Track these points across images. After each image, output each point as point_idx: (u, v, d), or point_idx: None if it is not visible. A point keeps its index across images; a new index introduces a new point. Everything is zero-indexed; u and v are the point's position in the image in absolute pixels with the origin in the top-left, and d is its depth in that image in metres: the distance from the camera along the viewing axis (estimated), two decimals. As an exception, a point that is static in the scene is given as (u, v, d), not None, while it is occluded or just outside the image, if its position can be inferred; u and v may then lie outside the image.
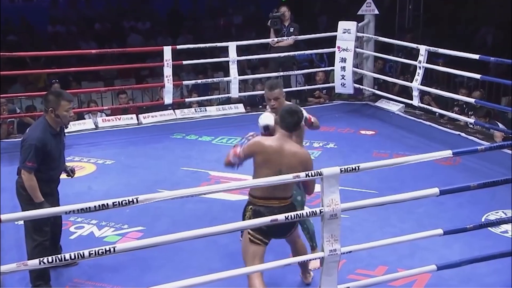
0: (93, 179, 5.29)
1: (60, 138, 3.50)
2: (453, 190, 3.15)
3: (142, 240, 2.62)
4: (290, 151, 3.01)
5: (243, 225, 2.95)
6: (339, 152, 5.93)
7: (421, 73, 6.48)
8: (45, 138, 3.34)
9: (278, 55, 7.19)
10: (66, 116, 3.40)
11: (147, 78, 9.43)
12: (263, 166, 3.00)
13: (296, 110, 3.11)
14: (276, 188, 2.96)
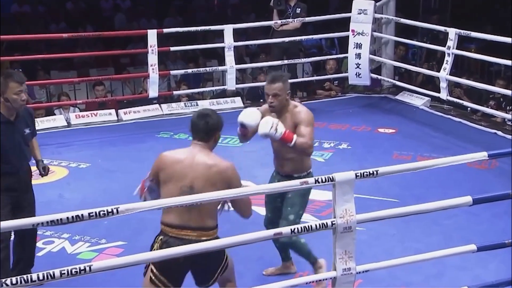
0: (65, 186, 5.28)
1: (15, 127, 3.51)
2: (489, 199, 3.14)
3: (123, 258, 2.62)
4: (205, 164, 2.80)
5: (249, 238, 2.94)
6: (354, 153, 5.93)
7: (450, 61, 6.48)
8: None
9: (282, 40, 7.19)
10: (16, 100, 3.42)
11: (128, 67, 9.44)
12: (168, 182, 2.81)
13: (205, 113, 2.90)
14: (191, 213, 2.75)
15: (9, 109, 3.45)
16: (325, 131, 6.55)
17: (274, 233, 2.76)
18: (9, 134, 3.46)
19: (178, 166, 2.83)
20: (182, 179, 2.81)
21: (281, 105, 3.43)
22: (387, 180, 4.15)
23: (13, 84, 3.41)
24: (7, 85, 3.41)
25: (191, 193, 2.73)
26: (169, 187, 2.82)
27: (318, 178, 2.72)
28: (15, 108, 3.47)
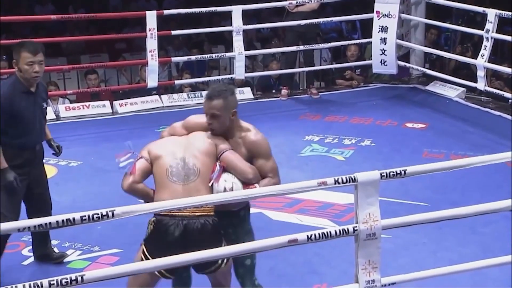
0: (53, 186, 5.25)
1: (34, 99, 3.72)
2: (532, 203, 3.13)
3: (119, 267, 2.63)
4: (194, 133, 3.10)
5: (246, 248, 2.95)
6: (378, 151, 5.93)
7: (489, 47, 6.46)
8: (12, 94, 3.59)
9: (297, 23, 7.19)
10: (28, 71, 3.61)
11: (125, 53, 9.47)
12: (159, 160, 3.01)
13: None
14: (183, 185, 2.93)
15: (26, 80, 3.65)
16: (345, 126, 6.54)
17: (288, 240, 2.76)
18: (30, 105, 3.66)
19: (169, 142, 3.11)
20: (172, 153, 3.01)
21: (223, 127, 3.10)
22: (416, 181, 4.16)
23: (25, 54, 3.60)
24: (20, 55, 3.61)
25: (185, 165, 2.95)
26: (160, 164, 3.01)
27: (338, 178, 2.72)
28: (27, 79, 3.65)
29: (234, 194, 2.88)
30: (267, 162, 3.11)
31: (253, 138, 3.13)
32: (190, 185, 2.93)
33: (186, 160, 2.97)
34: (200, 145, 3.03)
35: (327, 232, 2.80)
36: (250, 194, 2.85)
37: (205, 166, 2.98)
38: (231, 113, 3.09)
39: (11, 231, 2.48)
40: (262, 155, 3.11)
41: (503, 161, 3.00)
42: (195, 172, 2.95)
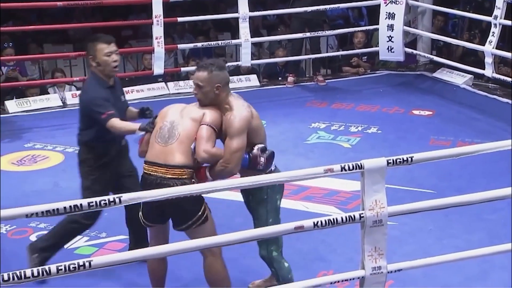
0: (60, 173, 5.34)
1: (116, 94, 3.73)
2: (540, 190, 3.12)
3: (126, 253, 2.65)
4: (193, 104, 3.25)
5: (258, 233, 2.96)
6: (385, 139, 5.93)
7: (497, 33, 6.42)
8: (103, 92, 3.62)
9: (304, 10, 7.16)
10: (108, 61, 3.62)
11: (131, 40, 9.45)
12: (159, 121, 3.22)
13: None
14: (164, 145, 3.10)
15: (104, 74, 3.64)
16: (352, 113, 6.54)
17: (295, 226, 2.77)
18: (113, 100, 3.63)
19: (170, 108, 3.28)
20: (165, 117, 3.22)
21: (207, 99, 3.23)
22: (422, 168, 4.16)
23: (101, 46, 3.61)
24: (96, 48, 3.61)
25: (171, 127, 3.14)
26: (158, 125, 3.21)
27: (345, 165, 2.72)
28: (108, 71, 3.64)
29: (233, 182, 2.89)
30: (230, 141, 3.16)
31: (228, 117, 3.21)
32: (168, 147, 3.10)
33: (174, 124, 3.15)
34: (192, 112, 3.19)
35: (333, 219, 2.81)
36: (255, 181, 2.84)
37: (186, 131, 3.12)
38: (215, 87, 3.21)
39: (20, 217, 2.48)
40: (229, 134, 3.18)
41: (509, 148, 2.99)
42: (175, 135, 3.11)
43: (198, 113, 3.18)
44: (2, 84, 7.18)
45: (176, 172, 3.07)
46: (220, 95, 3.24)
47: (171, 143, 3.11)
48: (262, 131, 3.35)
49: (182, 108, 3.26)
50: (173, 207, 3.01)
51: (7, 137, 6.09)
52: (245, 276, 3.70)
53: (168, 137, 3.12)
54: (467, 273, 3.71)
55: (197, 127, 3.13)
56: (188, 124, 3.14)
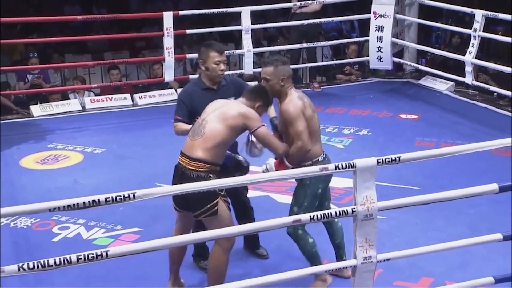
0: (79, 171, 5.34)
1: (215, 96, 3.57)
2: (515, 187, 3.12)
3: (140, 244, 2.64)
4: (233, 105, 3.27)
5: (259, 226, 2.96)
6: (374, 140, 5.91)
7: (476, 44, 6.41)
8: (193, 91, 3.66)
9: (301, 23, 7.16)
10: (215, 69, 3.61)
11: (144, 50, 9.47)
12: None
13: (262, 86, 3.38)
14: (192, 139, 3.20)
15: (208, 78, 3.64)
16: (345, 117, 6.53)
17: (293, 220, 2.77)
18: (208, 100, 3.49)
19: (211, 105, 3.30)
20: (205, 113, 3.25)
21: (274, 90, 3.34)
22: (409, 167, 4.14)
23: (213, 53, 3.60)
24: (208, 54, 3.61)
25: (201, 124, 3.20)
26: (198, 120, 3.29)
27: (338, 164, 2.71)
28: (213, 77, 3.63)
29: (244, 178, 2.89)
30: (292, 127, 3.26)
31: (283, 107, 3.31)
32: (194, 141, 3.18)
33: (203, 122, 3.19)
34: (226, 112, 3.19)
35: (328, 213, 2.81)
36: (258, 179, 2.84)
37: (212, 131, 3.15)
38: (280, 79, 3.31)
39: (43, 211, 2.48)
40: (288, 122, 3.27)
41: (488, 149, 2.98)
42: (201, 133, 3.17)
43: (234, 117, 3.17)
44: (27, 90, 7.20)
45: (194, 164, 3.14)
46: (285, 86, 3.34)
47: (197, 139, 3.17)
48: (313, 120, 3.37)
49: (222, 106, 3.25)
50: (189, 198, 3.10)
51: (32, 139, 6.11)
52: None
53: (196, 133, 3.19)
54: (449, 262, 3.71)
55: (224, 129, 3.16)
56: (217, 126, 3.16)
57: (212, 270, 3.28)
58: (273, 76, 3.33)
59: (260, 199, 4.52)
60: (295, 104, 3.30)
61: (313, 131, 3.35)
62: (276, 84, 3.33)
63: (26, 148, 5.82)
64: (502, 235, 3.08)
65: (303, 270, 2.96)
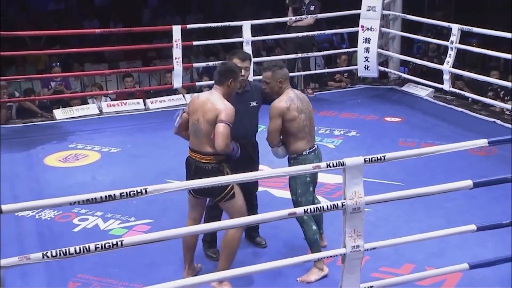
0: (97, 168, 5.33)
1: (239, 98, 3.53)
2: (488, 183, 3.12)
3: (151, 234, 2.64)
4: (210, 99, 3.24)
5: (258, 218, 2.96)
6: (362, 141, 5.90)
7: (453, 55, 6.41)
8: None
9: (296, 35, 7.15)
10: None
11: (155, 60, 9.47)
12: (190, 116, 3.32)
13: (224, 62, 3.44)
14: (195, 139, 3.27)
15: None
16: (335, 120, 6.53)
17: (288, 213, 2.76)
18: (236, 103, 3.40)
19: (195, 103, 3.31)
20: (194, 113, 3.28)
21: (273, 90, 3.49)
22: (393, 165, 4.13)
23: (236, 60, 3.58)
24: (231, 61, 3.57)
25: (197, 125, 3.25)
26: (190, 119, 3.33)
27: (330, 162, 2.72)
28: None
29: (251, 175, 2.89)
30: (269, 123, 3.44)
31: (271, 105, 3.46)
32: (199, 140, 3.25)
33: (198, 124, 3.25)
34: (208, 113, 3.21)
35: (320, 207, 2.81)
36: (259, 175, 2.85)
37: (206, 132, 3.23)
38: (278, 81, 3.46)
39: (65, 204, 2.48)
40: (269, 118, 3.44)
41: (464, 149, 2.99)
42: (201, 134, 3.24)
43: (214, 113, 3.19)
44: (51, 96, 7.19)
45: (207, 158, 3.23)
46: (282, 87, 3.47)
47: (200, 139, 3.25)
48: (299, 122, 3.43)
49: (204, 104, 3.26)
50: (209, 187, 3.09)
51: (55, 139, 6.10)
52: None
53: (197, 135, 3.26)
54: (429, 250, 3.71)
55: (213, 127, 3.19)
56: (207, 127, 3.22)
57: (225, 244, 3.30)
58: (272, 79, 3.46)
59: (259, 193, 4.52)
60: (278, 106, 3.42)
61: (296, 130, 3.43)
62: (275, 86, 3.47)
63: (49, 148, 5.81)
64: (476, 226, 3.08)
65: (298, 258, 2.97)
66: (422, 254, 3.69)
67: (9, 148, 5.81)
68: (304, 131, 3.46)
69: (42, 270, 3.52)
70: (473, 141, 2.99)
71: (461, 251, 3.68)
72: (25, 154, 5.65)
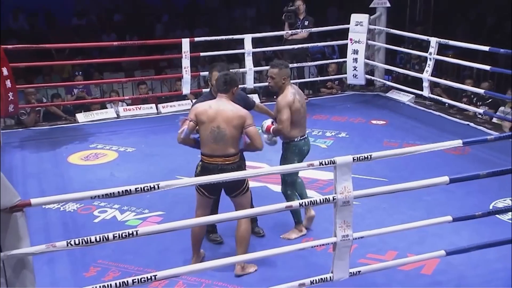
0: (115, 166, 5.33)
1: None
2: (463, 179, 3.12)
3: (163, 224, 2.65)
4: (227, 107, 3.21)
5: (258, 211, 2.96)
6: (351, 141, 5.90)
7: (432, 65, 6.41)
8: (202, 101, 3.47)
9: (292, 47, 7.14)
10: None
11: (166, 69, 9.44)
12: (202, 124, 3.22)
13: (225, 72, 3.36)
14: (217, 145, 3.19)
15: (214, 92, 3.53)
16: (327, 123, 6.52)
17: (285, 206, 2.76)
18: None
19: (210, 112, 3.22)
20: (212, 121, 3.20)
21: (277, 86, 3.66)
22: (378, 163, 4.12)
23: (215, 73, 3.61)
24: (212, 74, 3.66)
25: (219, 132, 3.19)
26: (204, 127, 3.23)
27: (322, 161, 2.72)
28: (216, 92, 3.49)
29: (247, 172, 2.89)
30: (279, 114, 3.63)
31: (278, 99, 3.66)
32: (221, 145, 3.20)
33: (221, 130, 3.19)
34: (233, 120, 3.19)
35: (314, 200, 2.81)
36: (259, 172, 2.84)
37: (232, 136, 3.20)
38: (283, 78, 3.63)
39: (86, 198, 2.48)
40: (278, 110, 3.65)
41: (442, 148, 2.99)
42: (225, 138, 3.19)
43: (239, 120, 3.20)
44: (74, 101, 7.19)
45: (231, 159, 3.22)
46: (285, 83, 3.64)
47: (222, 144, 3.20)
48: (299, 114, 3.65)
49: (222, 112, 3.21)
50: (229, 184, 3.18)
51: (77, 140, 6.10)
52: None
53: (218, 140, 3.19)
54: (410, 239, 3.71)
55: (239, 131, 3.21)
56: (233, 131, 3.20)
57: (241, 237, 3.31)
58: (278, 76, 3.63)
59: (259, 188, 4.52)
60: (287, 98, 3.60)
61: (297, 120, 3.65)
62: (279, 82, 3.64)
63: (72, 148, 5.81)
64: (451, 217, 3.09)
65: (293, 246, 2.96)
66: (404, 242, 3.68)
67: (37, 148, 5.81)
68: (300, 121, 3.68)
69: (66, 256, 3.52)
70: (449, 142, 3.00)
71: (439, 239, 3.67)
72: (51, 153, 5.64)
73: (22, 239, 2.24)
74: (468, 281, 3.31)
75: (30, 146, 5.85)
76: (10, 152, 5.59)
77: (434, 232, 3.72)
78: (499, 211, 3.72)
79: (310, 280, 2.84)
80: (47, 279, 3.30)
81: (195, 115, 3.27)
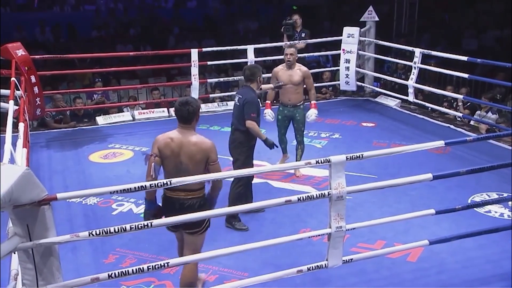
0: (131, 164, 5.34)
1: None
2: (445, 176, 3.12)
3: (174, 217, 2.64)
4: (190, 141, 2.73)
5: (256, 205, 2.95)
6: (343, 141, 5.90)
7: (416, 73, 6.41)
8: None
9: (290, 56, 7.12)
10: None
11: (177, 76, 9.44)
12: (166, 159, 2.76)
13: (185, 102, 2.78)
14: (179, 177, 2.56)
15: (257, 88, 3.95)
16: (322, 125, 6.52)
17: (285, 200, 2.76)
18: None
19: (172, 145, 2.76)
20: (177, 156, 2.75)
21: (294, 62, 4.59)
22: (368, 161, 4.12)
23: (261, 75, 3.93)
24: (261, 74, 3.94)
25: (182, 167, 2.73)
26: (168, 161, 2.77)
27: (318, 160, 2.72)
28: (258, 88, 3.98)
29: (248, 171, 2.88)
30: (309, 80, 4.72)
31: (305, 69, 4.70)
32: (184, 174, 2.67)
33: (183, 164, 2.76)
34: (192, 151, 2.75)
35: (311, 195, 2.80)
36: (262, 170, 2.84)
37: (194, 169, 2.75)
38: (296, 54, 4.65)
39: (105, 193, 2.48)
40: (308, 77, 4.70)
41: (425, 148, 2.99)
42: (187, 173, 2.70)
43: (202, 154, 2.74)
44: (94, 106, 7.20)
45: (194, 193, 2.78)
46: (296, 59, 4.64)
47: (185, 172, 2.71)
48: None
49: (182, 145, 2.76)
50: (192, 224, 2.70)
51: (97, 140, 6.10)
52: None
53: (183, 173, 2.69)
54: (397, 229, 3.71)
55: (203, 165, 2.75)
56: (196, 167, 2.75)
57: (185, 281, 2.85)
58: (295, 53, 4.62)
59: (260, 184, 4.53)
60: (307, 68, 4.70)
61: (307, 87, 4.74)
62: (296, 58, 4.62)
63: (93, 147, 5.82)
64: (434, 210, 3.09)
65: (292, 237, 2.96)
66: (392, 232, 3.69)
67: (61, 147, 5.82)
68: None
69: (87, 245, 3.53)
70: (432, 142, 3.00)
71: (423, 230, 3.68)
72: (73, 152, 5.65)
73: (49, 230, 2.25)
74: (448, 267, 3.31)
75: (55, 146, 5.86)
76: (37, 151, 5.60)
77: (418, 224, 3.72)
78: (477, 204, 3.73)
79: (307, 267, 2.84)
80: (71, 265, 3.31)
81: (157, 148, 2.79)
